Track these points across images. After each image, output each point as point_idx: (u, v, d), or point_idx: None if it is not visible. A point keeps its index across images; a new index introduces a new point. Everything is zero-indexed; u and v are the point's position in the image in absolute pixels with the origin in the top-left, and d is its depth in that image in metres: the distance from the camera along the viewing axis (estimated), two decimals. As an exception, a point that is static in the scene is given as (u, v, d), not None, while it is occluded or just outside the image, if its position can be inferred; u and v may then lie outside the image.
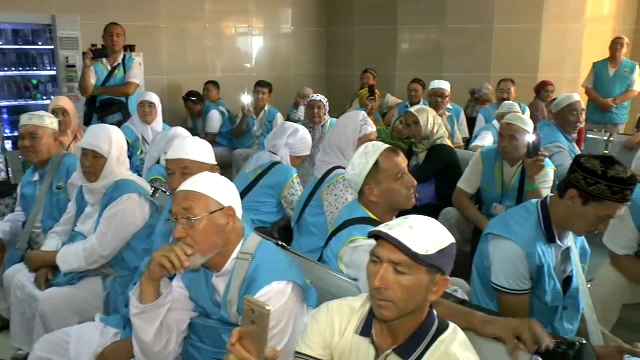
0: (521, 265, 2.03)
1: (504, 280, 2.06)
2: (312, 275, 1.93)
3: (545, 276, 2.07)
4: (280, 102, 6.76)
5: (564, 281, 2.17)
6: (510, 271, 2.05)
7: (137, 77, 4.88)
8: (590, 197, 1.97)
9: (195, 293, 1.87)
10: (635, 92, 6.10)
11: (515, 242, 2.04)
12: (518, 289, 2.06)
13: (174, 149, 2.30)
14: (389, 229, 1.35)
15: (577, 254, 2.17)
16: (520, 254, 2.03)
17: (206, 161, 2.29)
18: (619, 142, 4.91)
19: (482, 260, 2.21)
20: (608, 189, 1.93)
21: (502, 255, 2.08)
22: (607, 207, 1.95)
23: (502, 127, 3.32)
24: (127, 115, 4.73)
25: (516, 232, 2.07)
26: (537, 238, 2.06)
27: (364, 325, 1.46)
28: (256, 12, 7.63)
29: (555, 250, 2.11)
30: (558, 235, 2.09)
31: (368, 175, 2.08)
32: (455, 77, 6.33)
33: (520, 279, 2.05)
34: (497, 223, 2.18)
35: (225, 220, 1.73)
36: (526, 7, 6.91)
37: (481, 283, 2.23)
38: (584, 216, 2.00)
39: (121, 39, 4.80)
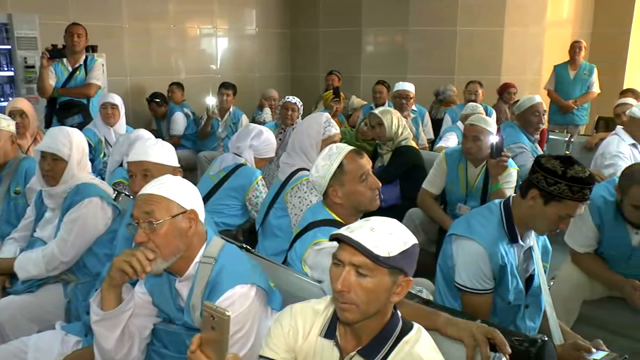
0: (483, 265, 2.06)
1: (467, 280, 2.09)
2: (276, 278, 1.92)
3: (507, 275, 2.09)
4: (245, 104, 6.72)
5: (526, 280, 2.20)
6: (473, 271, 2.07)
7: (98, 78, 4.78)
8: (551, 197, 2.01)
9: (158, 298, 1.83)
10: (594, 94, 6.28)
11: (477, 242, 2.07)
12: (481, 288, 2.08)
13: (135, 151, 2.26)
14: (350, 231, 1.35)
15: (538, 253, 2.20)
16: (482, 253, 2.05)
17: (168, 163, 2.25)
18: (579, 143, 5.03)
19: (445, 260, 2.22)
20: (568, 189, 1.97)
21: (465, 255, 2.10)
22: (567, 206, 1.99)
23: (466, 128, 3.37)
24: (88, 117, 4.63)
25: (479, 232, 2.09)
26: (499, 238, 2.09)
27: (327, 327, 1.46)
28: (220, 13, 7.57)
29: (518, 249, 2.14)
30: (520, 235, 2.12)
31: (332, 177, 2.08)
32: (420, 79, 6.40)
33: (483, 279, 2.07)
34: (460, 224, 2.20)
35: (187, 223, 1.71)
36: (488, 10, 7.03)
37: (445, 283, 2.25)
38: (546, 215, 2.03)
39: (82, 40, 4.70)
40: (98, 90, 4.80)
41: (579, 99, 6.21)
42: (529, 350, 1.67)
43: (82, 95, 4.70)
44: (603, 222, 2.64)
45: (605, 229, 2.66)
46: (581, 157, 4.74)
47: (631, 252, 2.64)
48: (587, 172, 2.00)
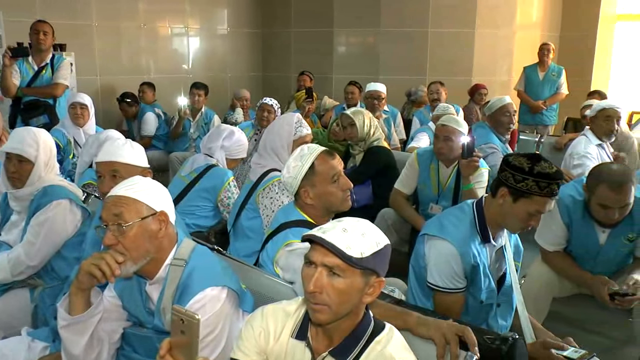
0: (455, 264, 2.07)
1: (439, 279, 2.10)
2: (247, 279, 1.90)
3: (480, 275, 2.11)
4: (217, 104, 6.68)
5: (498, 279, 2.22)
6: (445, 270, 2.09)
7: (65, 77, 4.67)
8: (519, 194, 2.03)
9: (128, 302, 1.81)
10: (562, 95, 6.41)
11: (449, 242, 2.08)
12: (453, 287, 2.10)
13: (103, 151, 2.23)
14: (322, 232, 1.34)
15: (511, 252, 2.23)
16: (454, 253, 2.07)
17: (137, 164, 2.22)
18: (549, 143, 5.11)
19: (417, 260, 2.24)
20: (535, 184, 2.00)
21: (437, 255, 2.11)
22: (536, 202, 2.01)
23: (437, 128, 3.39)
24: (55, 118, 4.53)
25: (450, 232, 2.10)
26: (471, 238, 2.11)
27: (299, 328, 1.45)
28: (191, 12, 7.50)
29: (490, 249, 2.16)
30: (492, 235, 2.14)
31: (304, 178, 2.07)
32: (392, 80, 6.43)
33: (455, 278, 2.09)
34: (433, 224, 2.21)
35: (157, 225, 1.69)
36: (459, 12, 7.09)
37: (417, 283, 2.26)
38: (516, 213, 2.05)
39: (49, 38, 4.58)
40: (65, 90, 4.70)
41: (547, 100, 6.33)
42: (500, 348, 1.68)
43: (48, 95, 4.60)
44: (572, 221, 2.69)
45: (573, 227, 2.70)
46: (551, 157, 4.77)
47: (598, 250, 2.69)
48: (554, 168, 2.03)
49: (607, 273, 2.65)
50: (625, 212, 2.52)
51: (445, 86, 5.65)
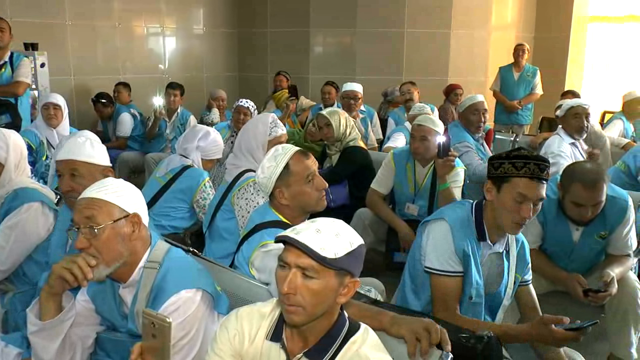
0: (450, 242, 2.08)
1: (436, 261, 2.10)
2: (223, 281, 1.89)
3: (471, 266, 2.10)
4: (194, 104, 6.63)
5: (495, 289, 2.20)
6: (441, 250, 2.09)
7: (27, 76, 4.53)
8: (500, 180, 2.04)
9: (101, 306, 1.78)
10: (537, 95, 6.50)
11: (445, 221, 2.11)
12: (451, 270, 2.09)
13: (63, 149, 2.19)
14: (295, 233, 1.33)
15: (514, 262, 2.19)
16: (448, 230, 2.09)
17: (97, 162, 2.19)
18: (524, 142, 5.18)
19: (414, 254, 2.25)
20: (511, 165, 2.00)
21: (433, 235, 2.13)
22: (515, 184, 1.99)
23: (413, 128, 3.40)
24: (17, 117, 4.40)
25: (448, 213, 2.15)
26: (467, 229, 2.11)
27: (274, 330, 1.44)
28: (167, 11, 7.43)
29: (485, 249, 2.14)
30: (490, 237, 2.12)
31: (278, 178, 2.06)
32: (368, 80, 6.45)
33: (451, 259, 2.08)
34: (434, 214, 2.26)
35: (130, 228, 1.67)
36: (435, 13, 7.14)
37: (410, 278, 2.27)
38: (503, 204, 2.03)
39: (6, 35, 4.39)
40: (27, 89, 4.59)
41: (522, 100, 6.42)
42: (476, 346, 1.70)
43: (10, 94, 4.46)
44: (546, 219, 2.71)
45: (548, 226, 2.73)
46: (526, 157, 4.91)
47: (572, 247, 2.73)
48: (533, 153, 2.03)
49: (581, 270, 2.69)
50: (597, 210, 2.56)
51: (418, 86, 5.68)
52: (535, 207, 2.02)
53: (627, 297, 2.64)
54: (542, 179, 1.99)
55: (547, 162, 2.03)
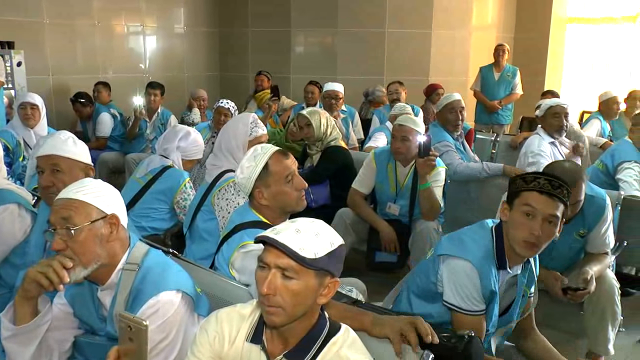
0: (476, 285, 1.95)
1: (459, 300, 1.97)
2: (203, 282, 1.87)
3: (494, 303, 2.00)
4: (175, 104, 6.58)
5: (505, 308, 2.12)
6: (465, 292, 1.96)
7: (1, 74, 4.48)
8: (512, 197, 1.97)
9: (80, 309, 1.76)
10: (517, 95, 6.55)
11: (470, 262, 1.95)
12: (475, 309, 1.96)
13: (45, 145, 2.18)
14: (275, 233, 1.33)
15: (523, 283, 2.10)
16: (475, 274, 1.95)
17: (79, 159, 2.17)
18: (505, 142, 5.22)
19: (428, 276, 2.10)
20: (522, 180, 1.95)
21: (457, 276, 1.97)
22: (524, 197, 1.92)
23: (395, 128, 3.41)
24: None
25: (472, 251, 1.98)
26: (491, 263, 1.98)
27: (254, 332, 1.43)
28: (148, 10, 7.37)
29: (503, 276, 2.04)
30: (510, 263, 2.01)
31: (258, 178, 2.06)
32: (349, 80, 6.45)
33: (476, 299, 1.96)
34: (452, 243, 2.05)
35: (108, 229, 1.65)
36: (416, 13, 7.17)
37: (420, 294, 2.15)
38: (514, 220, 1.94)
39: None
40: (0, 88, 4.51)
41: (503, 100, 6.46)
42: (456, 345, 1.70)
43: None
44: (527, 218, 2.72)
45: (529, 224, 2.74)
46: (506, 156, 4.96)
47: (552, 246, 2.72)
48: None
49: (561, 268, 2.71)
50: (576, 209, 2.59)
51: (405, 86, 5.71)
52: (549, 227, 1.91)
53: (605, 294, 2.67)
54: (554, 195, 1.89)
55: (561, 181, 1.92)
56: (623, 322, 3.03)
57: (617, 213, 3.08)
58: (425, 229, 3.25)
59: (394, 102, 5.42)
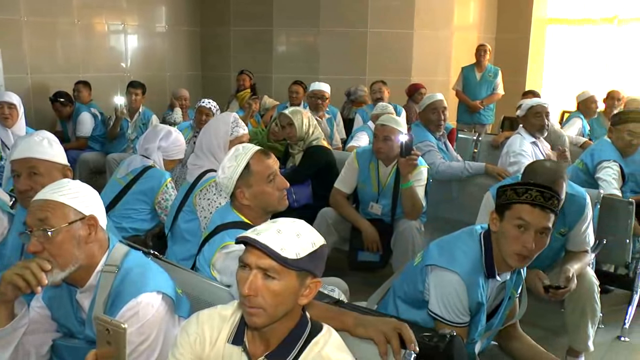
0: (462, 299, 1.95)
1: (444, 311, 1.97)
2: (184, 284, 1.85)
3: (481, 313, 2.01)
4: (157, 104, 6.53)
5: (490, 312, 2.11)
6: (451, 304, 1.96)
7: None
8: (503, 208, 1.95)
9: (58, 312, 1.73)
10: (498, 95, 6.61)
11: (458, 275, 1.94)
12: (459, 321, 1.97)
13: (19, 148, 2.14)
14: (256, 234, 1.32)
15: (510, 287, 2.10)
16: (462, 288, 1.94)
17: (57, 161, 2.14)
18: (487, 141, 5.26)
19: (415, 283, 2.09)
20: (513, 192, 1.92)
21: (443, 288, 1.97)
22: (516, 210, 1.90)
23: (377, 128, 3.41)
24: None
25: (461, 263, 1.97)
26: (479, 273, 1.98)
27: (235, 333, 1.42)
28: (129, 9, 7.29)
29: (492, 284, 2.04)
30: (498, 272, 2.01)
31: (239, 178, 2.04)
32: (332, 80, 6.43)
33: (461, 312, 1.96)
34: (441, 253, 2.03)
35: (86, 230, 1.62)
36: (398, 13, 7.19)
37: (406, 302, 2.15)
38: (505, 232, 1.93)
39: None
40: None
41: (484, 100, 6.51)
42: (438, 345, 1.70)
43: None
44: (509, 217, 2.74)
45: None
46: (488, 155, 5.00)
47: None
48: (539, 181, 1.96)
49: (542, 266, 2.72)
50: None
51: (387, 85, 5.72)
52: (540, 238, 1.91)
53: (585, 292, 2.70)
54: (546, 207, 1.88)
55: (553, 192, 1.91)
56: (602, 319, 3.09)
57: (597, 211, 3.11)
58: (407, 228, 3.26)
59: (377, 102, 5.44)
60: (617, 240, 3.26)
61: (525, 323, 2.38)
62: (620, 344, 3.25)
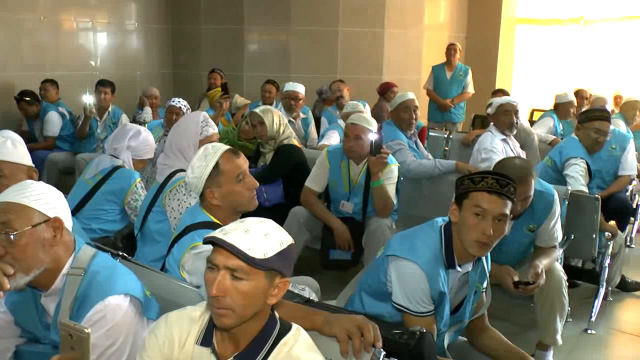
0: (424, 288, 1.95)
1: (407, 301, 1.97)
2: (154, 285, 1.83)
3: (445, 303, 2.01)
4: (127, 102, 6.44)
5: (457, 305, 2.11)
6: (413, 294, 1.96)
7: None
8: (461, 198, 1.97)
9: (22, 317, 1.70)
10: (469, 94, 6.67)
11: (417, 265, 1.95)
12: (424, 310, 1.97)
13: None
14: (224, 234, 1.30)
15: (475, 278, 2.11)
16: (423, 277, 1.94)
17: (21, 162, 2.09)
18: (457, 139, 5.31)
19: (378, 275, 2.08)
20: (470, 181, 1.95)
21: (404, 278, 1.97)
22: (473, 198, 1.93)
23: (347, 127, 3.40)
24: None
25: (420, 254, 1.97)
26: (439, 263, 1.98)
27: (204, 334, 1.41)
28: (98, 5, 7.17)
29: (453, 275, 2.04)
30: (459, 261, 2.01)
31: (208, 178, 2.02)
32: (303, 78, 6.41)
33: (425, 301, 1.96)
34: (402, 243, 2.04)
35: (50, 233, 1.58)
36: (368, 12, 7.21)
37: (371, 295, 2.15)
38: (465, 222, 1.94)
39: None
40: None
41: (455, 98, 6.56)
42: (408, 342, 1.71)
43: None
44: (479, 214, 2.77)
45: (481, 220, 2.78)
46: (460, 153, 5.05)
47: (503, 241, 2.77)
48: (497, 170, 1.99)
49: (512, 262, 2.77)
50: (526, 204, 2.64)
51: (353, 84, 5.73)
52: (499, 225, 1.92)
53: (553, 287, 2.75)
54: (502, 194, 1.90)
55: (509, 179, 1.93)
56: (570, 313, 3.15)
57: (565, 208, 3.17)
58: (379, 226, 3.27)
59: (339, 100, 5.46)
60: (584, 235, 3.33)
61: (496, 318, 2.41)
62: (587, 336, 3.32)
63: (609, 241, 3.54)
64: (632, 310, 3.81)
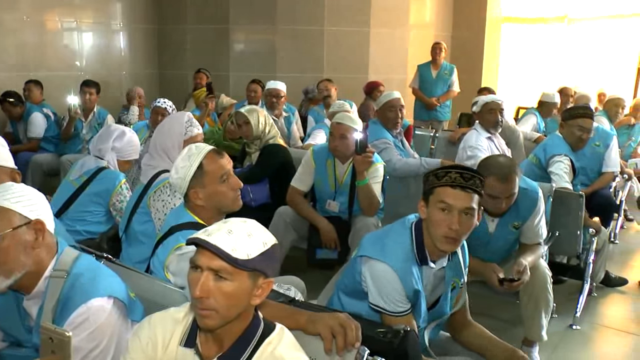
0: (398, 288, 1.95)
1: (382, 302, 1.98)
2: (138, 287, 1.82)
3: (420, 300, 2.01)
4: (113, 103, 6.41)
5: (434, 301, 2.12)
6: (388, 294, 1.96)
7: None
8: (427, 194, 1.97)
9: (4, 320, 1.68)
10: (454, 92, 6.69)
11: (389, 266, 1.95)
12: (400, 310, 1.97)
13: None
14: (207, 235, 1.30)
15: (451, 275, 2.11)
16: (395, 277, 1.95)
17: (4, 164, 2.07)
18: (444, 137, 5.33)
19: (354, 275, 2.09)
20: (434, 177, 1.95)
21: (377, 279, 1.98)
22: (437, 193, 1.93)
23: (333, 126, 3.40)
24: None
25: (392, 254, 1.97)
26: (411, 262, 1.99)
27: (188, 335, 1.40)
28: (82, 5, 7.11)
29: (427, 271, 2.04)
30: (432, 257, 2.01)
31: (192, 179, 2.01)
32: (289, 78, 6.42)
33: (400, 300, 1.97)
34: (374, 244, 2.05)
35: (32, 235, 1.57)
36: (354, 11, 7.22)
37: (348, 295, 2.16)
38: (431, 218, 1.95)
39: None
40: None
41: (440, 97, 6.58)
42: (392, 341, 1.72)
43: None
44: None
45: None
46: (446, 151, 5.07)
47: (489, 238, 2.82)
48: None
49: (497, 259, 2.79)
50: (511, 202, 2.66)
51: (339, 84, 5.73)
52: (466, 219, 1.92)
53: (538, 283, 2.77)
54: (467, 187, 1.90)
55: (473, 172, 1.94)
56: (555, 309, 3.18)
57: (549, 205, 3.19)
58: (364, 225, 3.27)
59: (326, 100, 5.47)
60: (569, 232, 3.36)
61: (481, 315, 2.43)
62: (572, 332, 3.35)
63: (593, 237, 3.58)
64: (616, 305, 3.85)
